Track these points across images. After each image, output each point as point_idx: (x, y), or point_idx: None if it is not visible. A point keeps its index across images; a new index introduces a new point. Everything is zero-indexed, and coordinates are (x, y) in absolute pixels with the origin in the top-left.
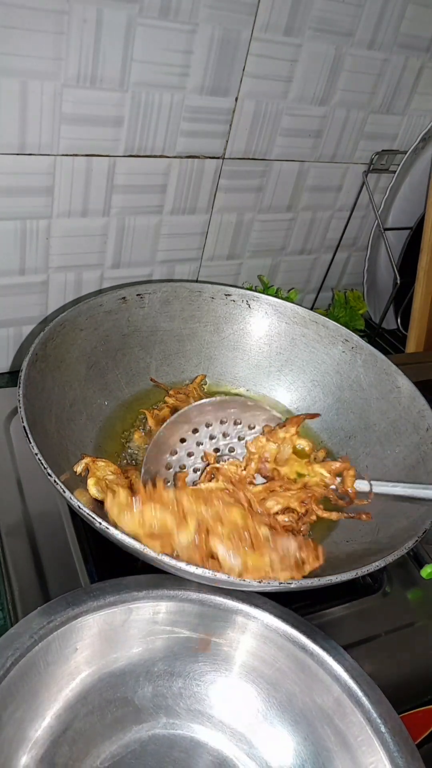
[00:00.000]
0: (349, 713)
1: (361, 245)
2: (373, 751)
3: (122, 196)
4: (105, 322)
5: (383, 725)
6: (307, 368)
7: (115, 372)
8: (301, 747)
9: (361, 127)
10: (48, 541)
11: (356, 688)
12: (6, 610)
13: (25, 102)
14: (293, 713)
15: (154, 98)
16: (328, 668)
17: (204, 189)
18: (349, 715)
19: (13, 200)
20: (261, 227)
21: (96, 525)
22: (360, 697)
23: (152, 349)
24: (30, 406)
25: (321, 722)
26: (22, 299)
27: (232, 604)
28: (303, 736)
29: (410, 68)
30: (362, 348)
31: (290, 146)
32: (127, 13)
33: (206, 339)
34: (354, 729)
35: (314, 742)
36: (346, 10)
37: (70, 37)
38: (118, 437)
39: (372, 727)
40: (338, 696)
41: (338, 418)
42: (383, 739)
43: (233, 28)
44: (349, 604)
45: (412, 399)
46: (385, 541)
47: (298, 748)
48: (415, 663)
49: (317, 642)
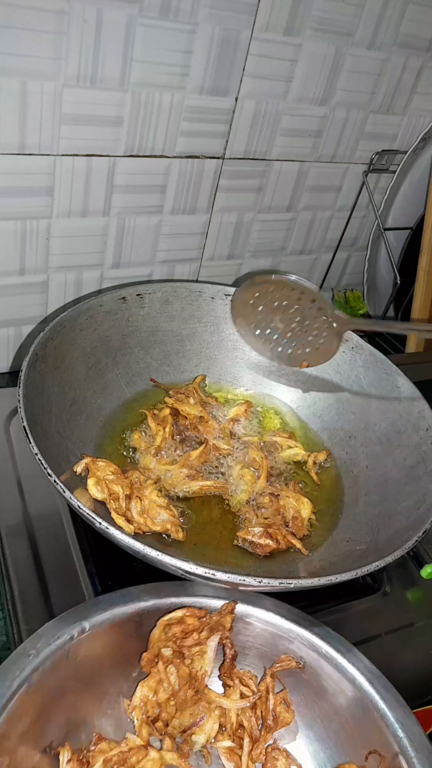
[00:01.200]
0: (367, 716)
1: (361, 245)
2: (391, 753)
3: (122, 196)
4: (105, 322)
5: (401, 729)
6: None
7: (115, 372)
8: (319, 751)
9: (361, 127)
10: (48, 542)
11: (371, 690)
12: (6, 610)
13: (25, 102)
14: (311, 718)
15: (154, 98)
16: (343, 670)
17: (204, 189)
18: (367, 718)
19: (13, 200)
20: (261, 227)
21: (96, 525)
22: (377, 700)
23: (152, 349)
24: (30, 406)
25: (340, 728)
26: (22, 299)
27: (242, 609)
28: (321, 740)
29: (410, 68)
30: (362, 348)
31: (290, 146)
32: (127, 13)
33: (206, 339)
34: (373, 732)
35: (331, 745)
36: (346, 10)
37: (70, 37)
38: (119, 437)
39: (389, 730)
40: (355, 698)
41: (338, 418)
42: (401, 744)
43: (233, 28)
44: (349, 604)
45: (412, 399)
46: (385, 541)
47: (315, 752)
48: (415, 663)
49: (331, 644)
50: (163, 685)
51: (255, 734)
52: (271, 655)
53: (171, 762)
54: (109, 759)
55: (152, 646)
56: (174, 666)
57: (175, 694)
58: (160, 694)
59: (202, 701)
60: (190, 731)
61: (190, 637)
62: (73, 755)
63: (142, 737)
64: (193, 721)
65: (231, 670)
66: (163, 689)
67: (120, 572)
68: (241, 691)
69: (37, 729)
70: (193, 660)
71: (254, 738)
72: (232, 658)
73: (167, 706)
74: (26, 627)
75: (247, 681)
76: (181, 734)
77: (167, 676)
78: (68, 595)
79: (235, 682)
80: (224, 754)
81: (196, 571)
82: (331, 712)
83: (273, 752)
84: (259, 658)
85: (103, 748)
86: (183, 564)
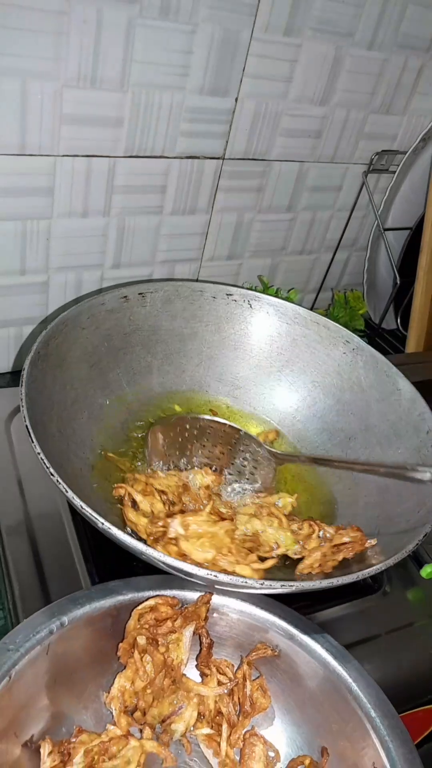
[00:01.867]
0: (341, 698)
1: (361, 245)
2: (365, 735)
3: (122, 196)
4: (107, 321)
5: (373, 710)
6: (308, 369)
7: (117, 371)
8: (296, 735)
9: (361, 128)
10: (48, 541)
11: (345, 674)
12: (6, 609)
13: (25, 102)
14: (287, 703)
15: (154, 98)
16: (313, 653)
17: (204, 189)
18: (341, 700)
19: (14, 201)
20: (261, 227)
21: (98, 525)
22: (349, 682)
23: (154, 348)
24: (32, 405)
25: (315, 712)
26: (23, 299)
27: (218, 599)
28: (296, 725)
29: (410, 68)
30: (363, 349)
31: (290, 146)
32: (127, 14)
33: (207, 338)
34: (347, 714)
35: (307, 730)
36: (346, 10)
37: (70, 37)
38: (120, 437)
39: (362, 711)
40: (328, 682)
41: (338, 419)
42: (374, 724)
43: (233, 28)
44: (349, 604)
45: (413, 401)
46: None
47: (293, 736)
48: (415, 663)
49: (303, 630)
50: (139, 673)
51: (233, 720)
52: (246, 644)
53: (151, 750)
54: (90, 750)
55: (128, 635)
56: (149, 654)
57: (151, 683)
58: (137, 683)
59: (180, 690)
60: (169, 720)
61: (164, 625)
62: (54, 748)
63: (121, 727)
64: (172, 710)
65: (208, 659)
66: (139, 678)
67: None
68: (219, 680)
69: (18, 723)
70: (169, 649)
71: (232, 723)
72: (208, 646)
73: (144, 695)
74: None
75: (224, 669)
76: (160, 724)
77: (143, 664)
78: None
79: (212, 670)
80: (203, 741)
81: (199, 572)
82: (305, 696)
83: (251, 738)
84: (234, 647)
85: (84, 739)
86: (185, 565)
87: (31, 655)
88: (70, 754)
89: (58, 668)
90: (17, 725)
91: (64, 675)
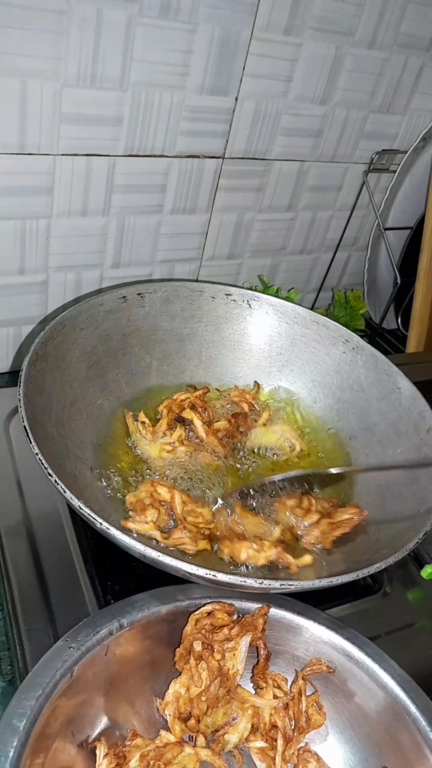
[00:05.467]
0: (398, 720)
1: (361, 245)
2: (422, 758)
3: (122, 195)
4: (105, 322)
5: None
6: (308, 368)
7: (116, 371)
8: (349, 755)
9: (362, 127)
10: (48, 542)
11: (404, 696)
12: (6, 610)
13: (25, 102)
14: (341, 722)
15: (153, 98)
16: (373, 674)
17: (204, 189)
18: (398, 722)
19: (13, 200)
20: (261, 227)
21: (97, 526)
22: (408, 705)
23: (153, 348)
24: (30, 406)
25: (370, 731)
26: (22, 299)
27: (274, 612)
28: (351, 743)
29: (410, 68)
30: (363, 349)
31: (290, 146)
32: (127, 13)
33: (207, 339)
34: (404, 736)
35: (361, 749)
36: (346, 9)
37: (70, 36)
38: (119, 437)
39: (421, 735)
40: (386, 703)
41: (339, 419)
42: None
43: (233, 27)
44: (349, 604)
45: (413, 400)
46: (386, 542)
47: (346, 755)
48: (415, 663)
49: (362, 649)
50: (194, 680)
51: (289, 734)
52: (301, 659)
53: (206, 758)
54: (145, 754)
55: (184, 641)
56: (204, 660)
57: (206, 690)
58: (192, 690)
59: (235, 701)
60: (222, 731)
61: (220, 632)
62: (110, 750)
63: (176, 734)
64: (226, 720)
65: (264, 670)
66: (194, 684)
67: (120, 573)
68: (274, 693)
69: (76, 722)
70: (225, 657)
71: (288, 738)
72: (266, 658)
73: (199, 702)
74: (26, 627)
75: (279, 682)
76: (213, 734)
77: (198, 671)
78: (68, 595)
79: (269, 683)
80: (257, 755)
81: (197, 572)
82: (359, 715)
83: (304, 754)
84: (289, 662)
85: (139, 744)
86: (184, 565)
87: (91, 654)
88: (125, 758)
89: (115, 670)
90: (75, 724)
91: (119, 678)
